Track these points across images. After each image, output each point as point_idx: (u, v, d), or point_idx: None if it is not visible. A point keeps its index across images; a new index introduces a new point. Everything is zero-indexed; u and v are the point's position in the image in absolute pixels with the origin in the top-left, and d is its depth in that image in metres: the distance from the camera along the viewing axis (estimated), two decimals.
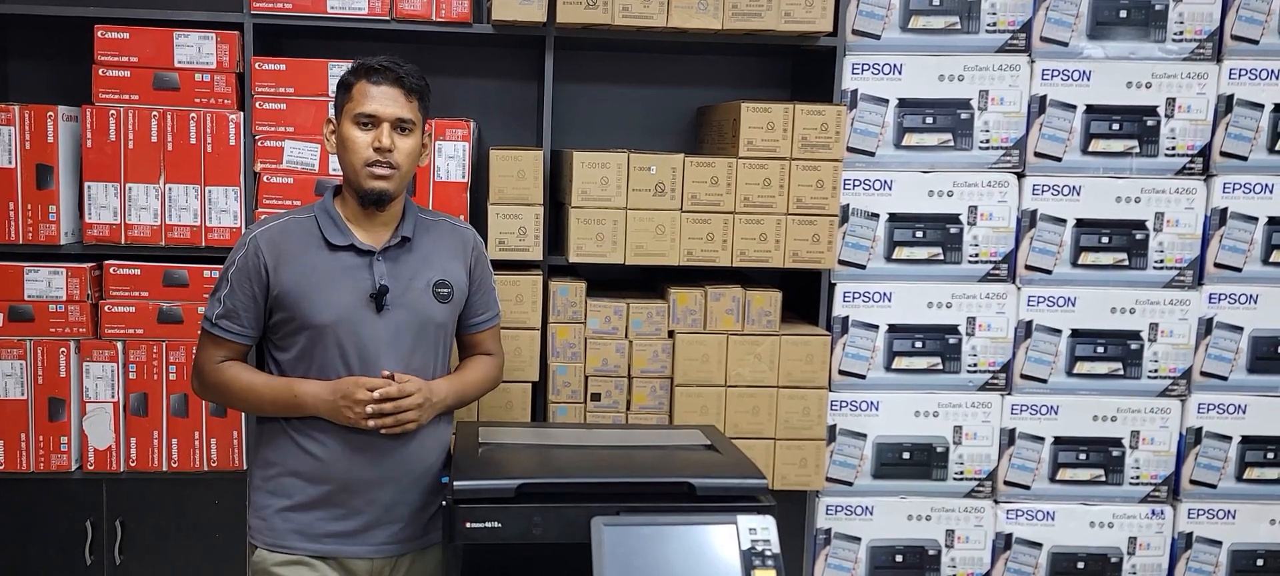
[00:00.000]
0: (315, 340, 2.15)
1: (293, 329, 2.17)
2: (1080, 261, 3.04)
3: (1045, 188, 3.01)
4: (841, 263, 3.01)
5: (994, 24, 2.96)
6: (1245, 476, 3.14)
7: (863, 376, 3.05)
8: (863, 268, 3.02)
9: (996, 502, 3.12)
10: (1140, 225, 3.03)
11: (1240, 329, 3.08)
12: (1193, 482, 3.14)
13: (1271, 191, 3.03)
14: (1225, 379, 3.10)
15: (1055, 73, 2.97)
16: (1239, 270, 3.06)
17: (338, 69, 2.80)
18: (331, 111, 2.23)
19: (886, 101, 2.97)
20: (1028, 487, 3.11)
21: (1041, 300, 3.04)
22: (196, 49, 2.78)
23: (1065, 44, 2.98)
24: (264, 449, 2.24)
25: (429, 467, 2.25)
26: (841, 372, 3.04)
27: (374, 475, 2.18)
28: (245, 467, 2.88)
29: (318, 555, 2.19)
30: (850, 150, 2.97)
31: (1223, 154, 3.03)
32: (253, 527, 2.24)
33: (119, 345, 2.83)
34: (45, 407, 2.82)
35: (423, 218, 2.29)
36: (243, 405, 2.26)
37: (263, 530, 2.22)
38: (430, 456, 2.25)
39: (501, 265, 2.88)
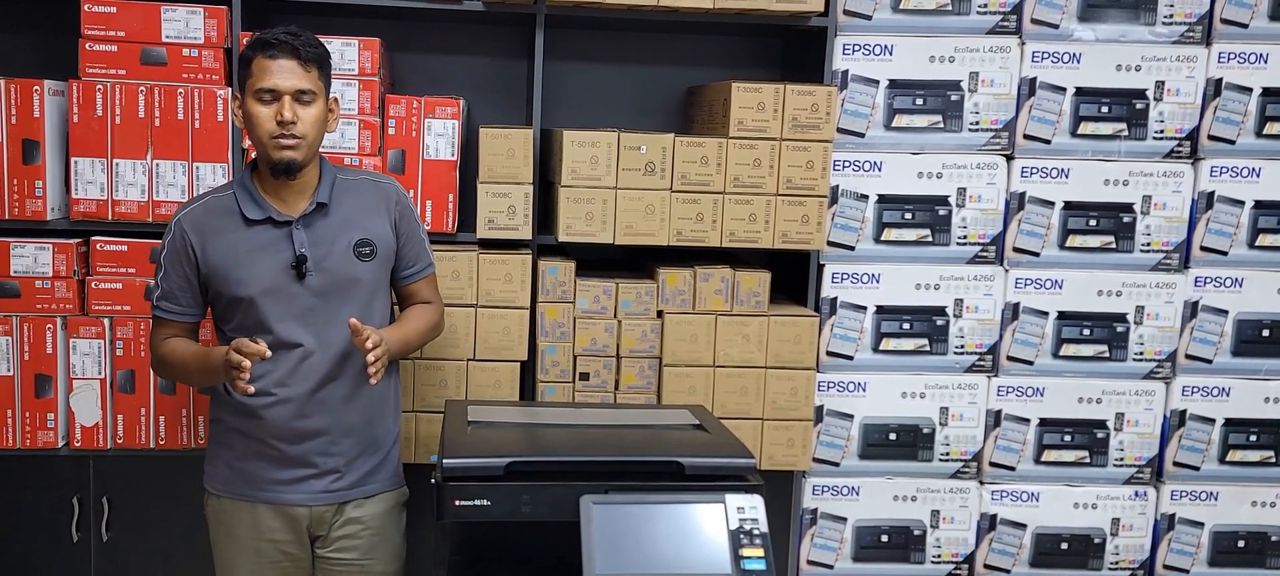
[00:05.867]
0: (247, 312, 2.26)
1: (227, 303, 2.29)
2: (1068, 244, 3.05)
3: (1034, 170, 3.02)
4: (830, 244, 3.02)
5: (985, 5, 2.96)
6: (1228, 458, 3.16)
7: (850, 357, 3.06)
8: (851, 249, 3.03)
9: (982, 483, 3.14)
10: (1128, 208, 3.04)
11: (1225, 312, 3.10)
12: (1176, 464, 3.16)
13: (1258, 175, 3.04)
14: (1210, 362, 3.12)
15: (1045, 55, 2.98)
16: (1225, 253, 3.08)
17: (327, 44, 2.78)
18: (236, 88, 2.31)
19: (877, 82, 2.97)
20: (1013, 469, 3.13)
21: (1029, 282, 3.06)
22: (184, 23, 2.76)
23: (1056, 26, 2.98)
24: (213, 405, 2.39)
25: (363, 419, 2.35)
26: (829, 353, 3.05)
27: (306, 427, 2.29)
28: None
29: (259, 501, 2.32)
30: (840, 131, 2.98)
31: (1211, 137, 3.04)
32: (206, 474, 2.40)
33: (106, 322, 2.81)
34: (31, 384, 2.81)
35: (342, 178, 2.36)
36: (182, 379, 2.43)
37: (212, 476, 2.38)
38: (365, 410, 2.35)
39: (491, 244, 2.88)
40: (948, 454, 3.11)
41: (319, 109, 2.24)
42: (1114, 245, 3.06)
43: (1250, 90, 3.02)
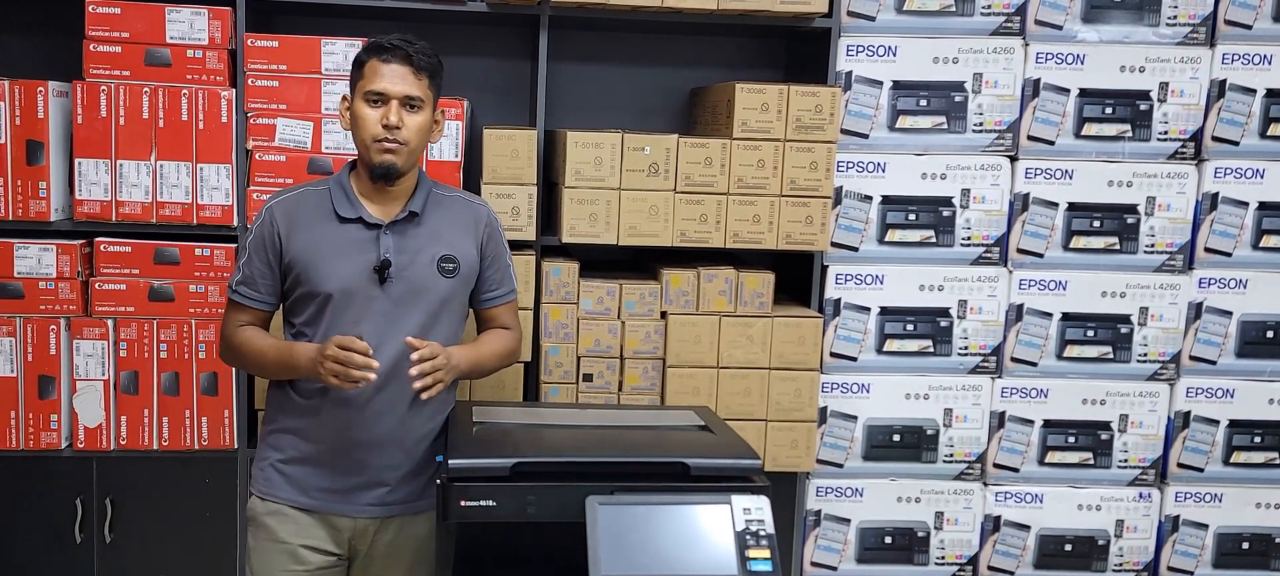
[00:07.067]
0: (322, 308, 2.22)
1: (302, 296, 2.24)
2: (1072, 245, 3.05)
3: (1038, 171, 3.02)
4: (834, 244, 3.02)
5: (989, 6, 2.96)
6: (1232, 460, 3.16)
7: (854, 358, 3.06)
8: (855, 250, 3.03)
9: (986, 485, 3.14)
10: (1132, 209, 3.04)
11: (1229, 313, 3.09)
12: (1180, 466, 3.16)
13: (1262, 177, 3.04)
14: (1214, 363, 3.12)
15: (1049, 56, 2.98)
16: (1229, 255, 3.08)
17: (331, 46, 2.79)
18: (347, 89, 2.27)
19: (880, 83, 2.96)
20: (1017, 470, 3.13)
21: (1033, 283, 3.05)
22: (189, 25, 2.76)
23: (1059, 27, 2.98)
24: (270, 405, 2.35)
25: (422, 435, 2.30)
26: (833, 354, 3.05)
27: (363, 438, 2.24)
28: (236, 446, 2.88)
29: (305, 508, 2.27)
30: (844, 132, 2.97)
31: (1214, 139, 3.04)
32: (252, 477, 2.35)
33: (109, 323, 2.81)
34: (35, 385, 2.80)
35: (437, 193, 2.33)
36: (254, 369, 2.37)
37: (259, 479, 2.32)
38: (423, 424, 2.29)
39: None
40: (951, 455, 3.11)
41: (425, 117, 2.21)
42: (1118, 246, 3.06)
43: (1254, 91, 3.02)
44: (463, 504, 1.93)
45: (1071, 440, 3.12)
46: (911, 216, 3.02)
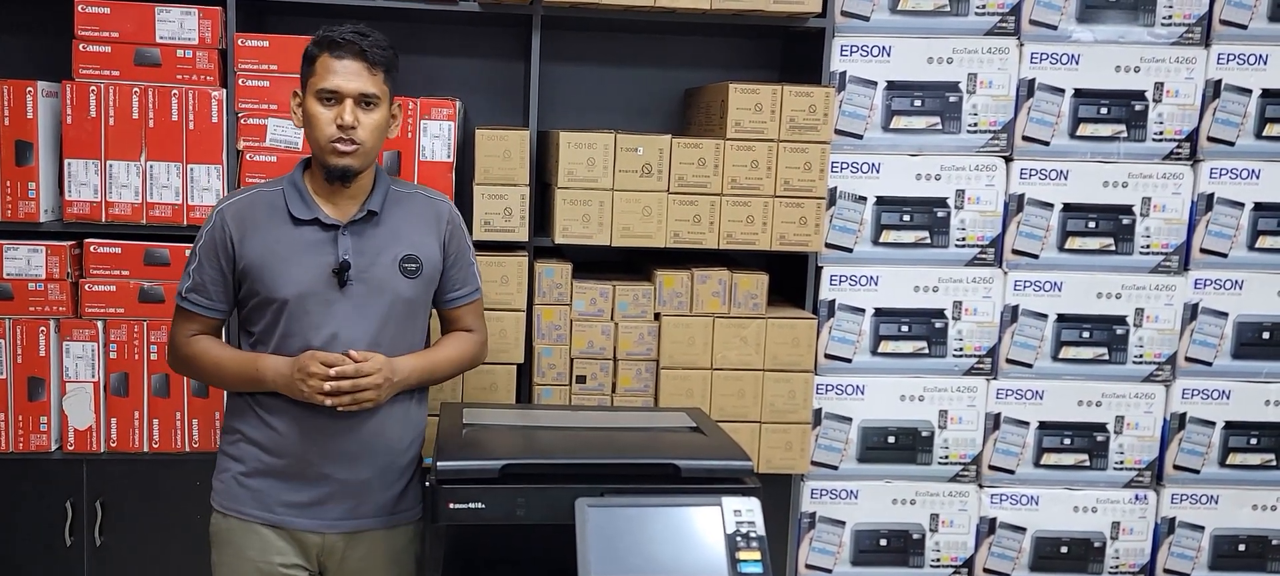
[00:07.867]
0: (279, 315, 2.14)
1: (258, 303, 2.16)
2: (1067, 246, 3.04)
3: (1033, 172, 3.00)
4: (828, 246, 3.00)
5: (983, 6, 2.95)
6: (1228, 462, 3.15)
7: (849, 360, 3.04)
8: (850, 251, 3.02)
9: (981, 487, 3.12)
10: (1127, 210, 3.03)
11: (1225, 314, 3.08)
12: (1176, 468, 3.15)
13: (1258, 177, 3.03)
14: (1210, 364, 3.11)
15: (1044, 56, 2.97)
16: (1225, 255, 3.07)
17: None
18: (298, 85, 2.19)
19: (875, 84, 2.95)
20: (1012, 472, 3.11)
21: (1028, 285, 3.04)
22: (179, 24, 2.75)
23: (1054, 27, 2.97)
24: (230, 415, 2.26)
25: (392, 447, 2.22)
26: (827, 356, 3.04)
27: (329, 450, 2.16)
28: None
29: (269, 523, 2.19)
30: (838, 132, 2.96)
31: (1210, 139, 3.03)
32: (213, 490, 2.26)
33: (99, 324, 2.80)
34: (24, 387, 2.79)
35: (395, 190, 2.26)
36: (211, 380, 2.27)
37: (221, 492, 2.24)
38: (393, 435, 2.22)
39: (487, 246, 2.87)
40: (947, 457, 3.10)
41: (381, 115, 2.13)
42: (1113, 247, 3.05)
43: (1250, 91, 3.01)
44: (451, 506, 1.92)
45: (1067, 442, 3.11)
46: (906, 217, 3.01)
